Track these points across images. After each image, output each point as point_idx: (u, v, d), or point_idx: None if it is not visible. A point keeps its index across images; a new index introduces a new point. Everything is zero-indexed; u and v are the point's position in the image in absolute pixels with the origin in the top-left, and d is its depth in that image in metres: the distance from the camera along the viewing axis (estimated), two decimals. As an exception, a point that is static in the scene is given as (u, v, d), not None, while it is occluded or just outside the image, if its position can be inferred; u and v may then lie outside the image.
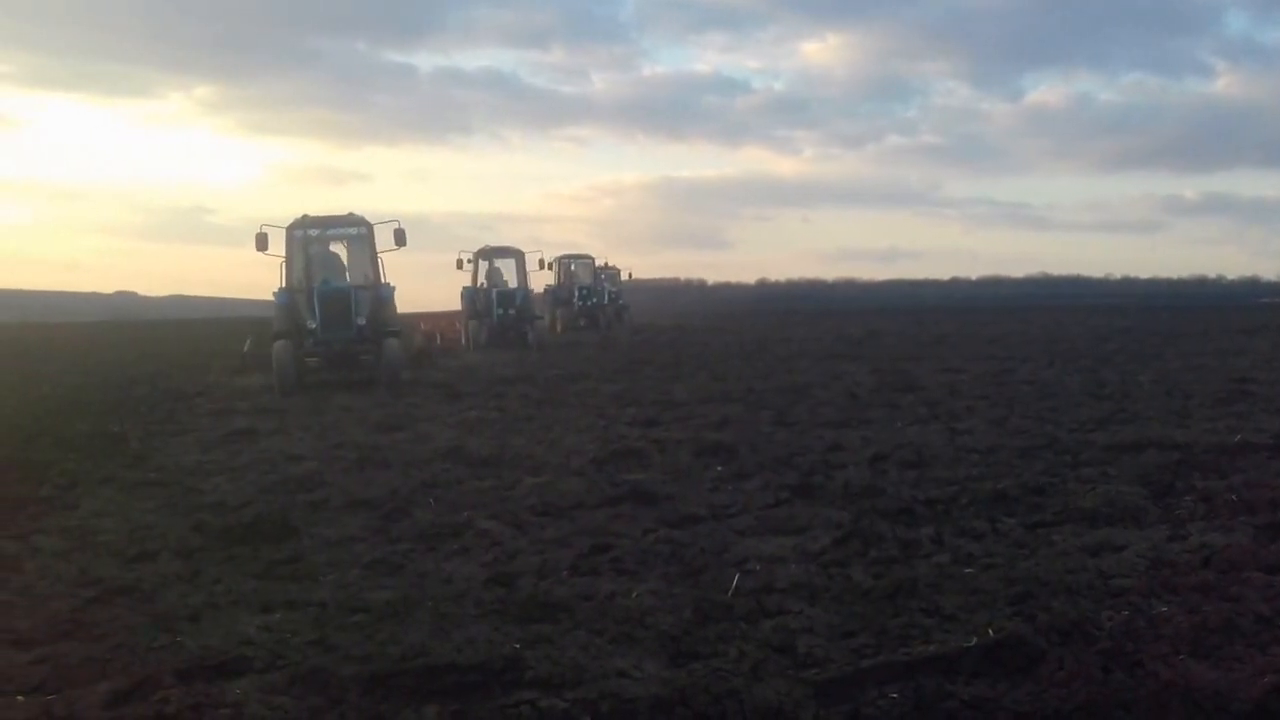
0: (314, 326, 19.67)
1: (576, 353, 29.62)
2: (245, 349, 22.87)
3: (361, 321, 19.70)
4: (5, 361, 30.54)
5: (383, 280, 20.33)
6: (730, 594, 5.88)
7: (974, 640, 4.95)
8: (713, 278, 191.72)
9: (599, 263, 50.32)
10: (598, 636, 5.25)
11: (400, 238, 19.88)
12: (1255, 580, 5.86)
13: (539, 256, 35.80)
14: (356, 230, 20.83)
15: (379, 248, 20.45)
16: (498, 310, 32.69)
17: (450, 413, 15.13)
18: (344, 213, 21.01)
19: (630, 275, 57.20)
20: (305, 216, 20.47)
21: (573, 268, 46.92)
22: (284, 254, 20.14)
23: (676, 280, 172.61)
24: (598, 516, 8.03)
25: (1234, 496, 7.78)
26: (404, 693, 4.61)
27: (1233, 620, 5.20)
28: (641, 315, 56.21)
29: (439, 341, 30.05)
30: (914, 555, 6.69)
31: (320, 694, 4.62)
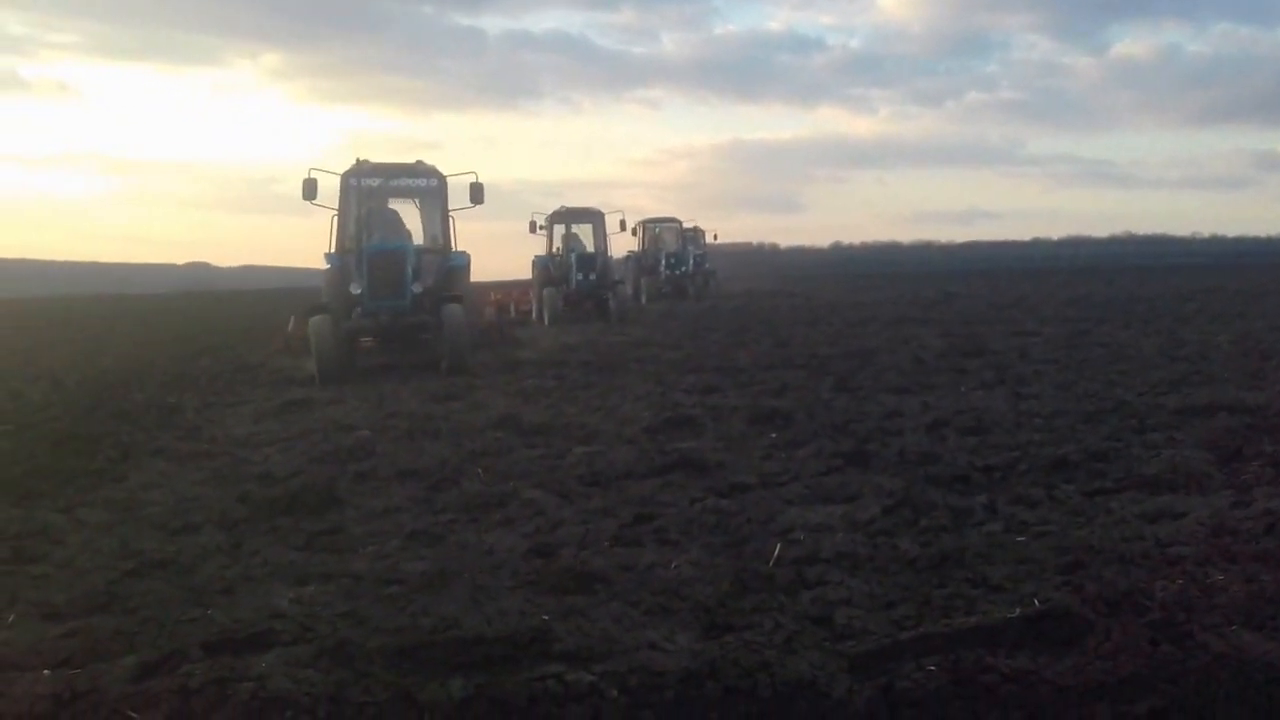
0: (360, 292, 16.43)
1: (654, 321, 28.96)
2: (289, 328, 19.11)
3: (418, 289, 16.44)
4: (72, 333, 31.23)
5: (454, 246, 17.56)
6: (771, 564, 5.80)
7: (1018, 611, 4.82)
8: (786, 242, 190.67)
9: (686, 225, 47.88)
10: (632, 608, 5.21)
11: (477, 193, 17.10)
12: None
13: (619, 218, 32.91)
14: (425, 182, 17.76)
15: (451, 205, 17.71)
16: (576, 276, 30.31)
17: (508, 381, 15.16)
18: (411, 161, 17.87)
19: (716, 237, 54.77)
20: (364, 162, 17.35)
21: (658, 232, 45.03)
22: (336, 207, 17.22)
23: (749, 245, 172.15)
24: (646, 486, 7.98)
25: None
26: (431, 665, 4.60)
27: (1178, 595, 5.04)
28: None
29: (513, 313, 27.96)
30: (965, 524, 6.56)
31: (346, 667, 4.62)
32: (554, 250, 31.47)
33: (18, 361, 21.26)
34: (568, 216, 32.14)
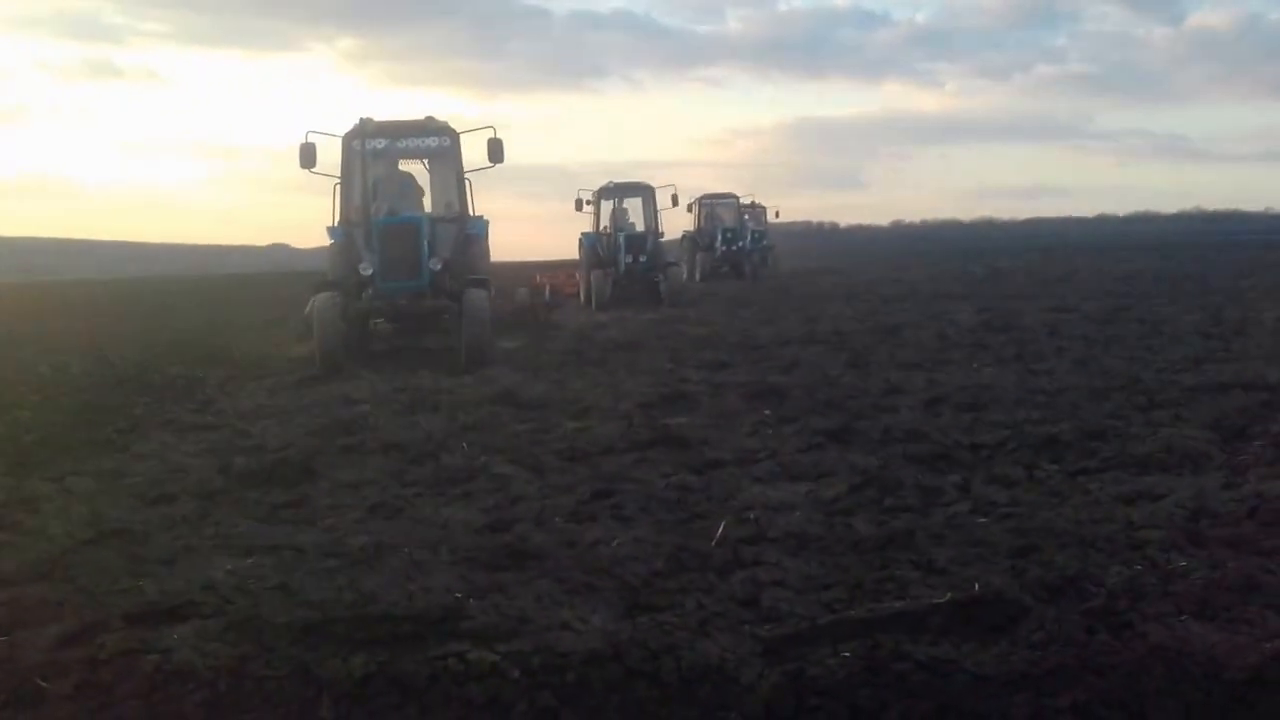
0: (371, 273, 14.37)
1: (699, 300, 27.73)
2: (306, 311, 15.89)
3: (437, 266, 14.17)
4: (140, 310, 31.60)
5: (472, 211, 15.37)
6: (715, 543, 5.60)
7: (948, 596, 4.58)
8: (846, 220, 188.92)
9: (744, 200, 45.41)
10: (559, 586, 5.04)
11: (496, 151, 14.82)
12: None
13: (671, 192, 29.39)
14: (437, 141, 15.69)
15: (468, 167, 15.75)
16: (625, 258, 27.71)
17: (525, 357, 15.03)
18: (420, 117, 15.82)
19: (778, 214, 52.10)
20: (367, 121, 15.24)
21: (714, 209, 42.46)
22: (339, 173, 15.36)
23: (808, 223, 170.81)
24: (622, 461, 7.80)
25: (1307, 444, 7.14)
26: (336, 641, 4.46)
27: (1254, 578, 4.73)
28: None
29: (548, 295, 24.73)
30: (932, 504, 6.31)
31: (253, 641, 4.50)
32: (602, 229, 29.18)
33: (78, 338, 21.49)
34: (615, 192, 29.53)
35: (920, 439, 7.96)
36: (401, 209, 15.08)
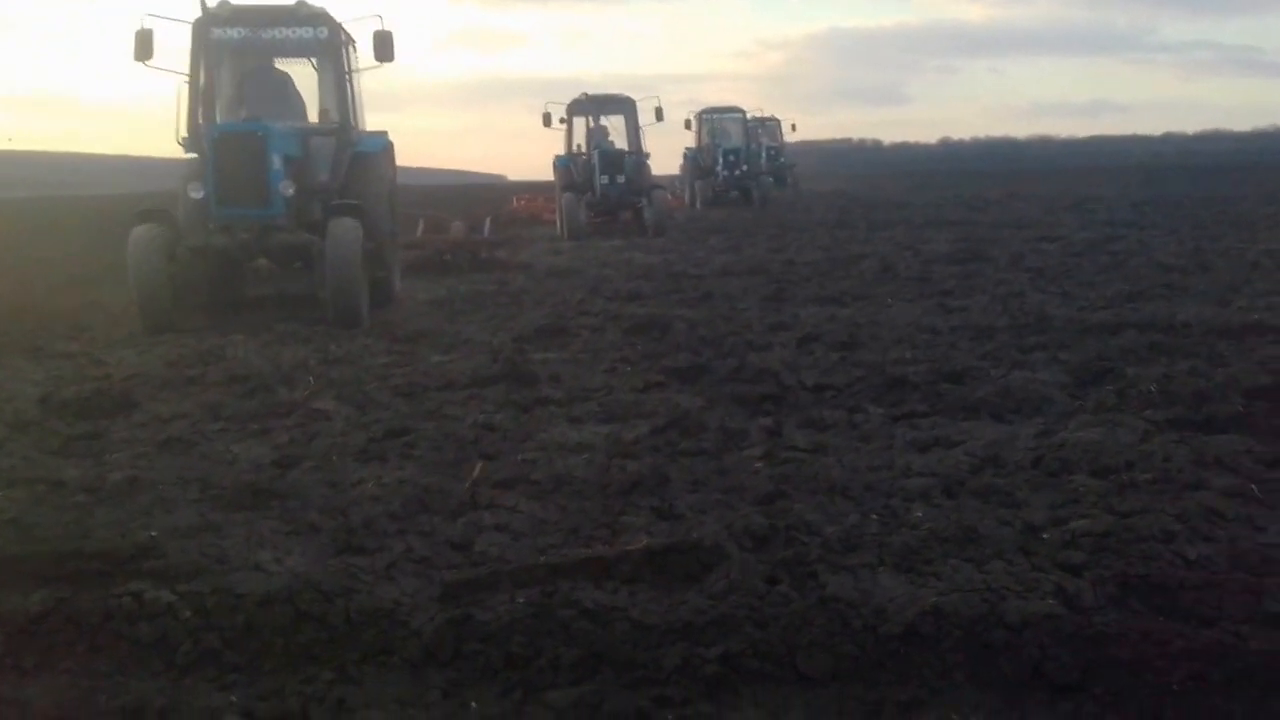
0: (201, 196, 12.11)
1: (687, 229, 26.86)
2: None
3: (289, 190, 12.05)
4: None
5: (361, 124, 13.92)
6: (467, 485, 5.84)
7: (644, 543, 4.81)
8: (890, 137, 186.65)
9: (753, 114, 43.22)
10: (284, 526, 5.29)
11: (384, 46, 14.35)
12: (1073, 484, 5.53)
13: (655, 106, 27.81)
14: (310, 33, 14.83)
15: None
16: (600, 179, 26.21)
17: (445, 287, 15.15)
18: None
19: (794, 128, 50.94)
20: (223, 5, 14.77)
21: (719, 125, 40.11)
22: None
23: (848, 141, 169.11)
24: (452, 397, 8.05)
25: (1153, 388, 7.30)
26: (23, 578, 4.72)
27: (976, 529, 4.93)
28: (804, 181, 53.80)
29: (488, 229, 21.36)
30: (728, 447, 6.52)
31: (-60, 576, 4.77)
32: (575, 148, 27.59)
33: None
34: (590, 106, 27.62)
35: (764, 379, 8.15)
36: (272, 118, 12.77)
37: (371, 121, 14.11)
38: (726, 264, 17.07)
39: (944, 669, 3.87)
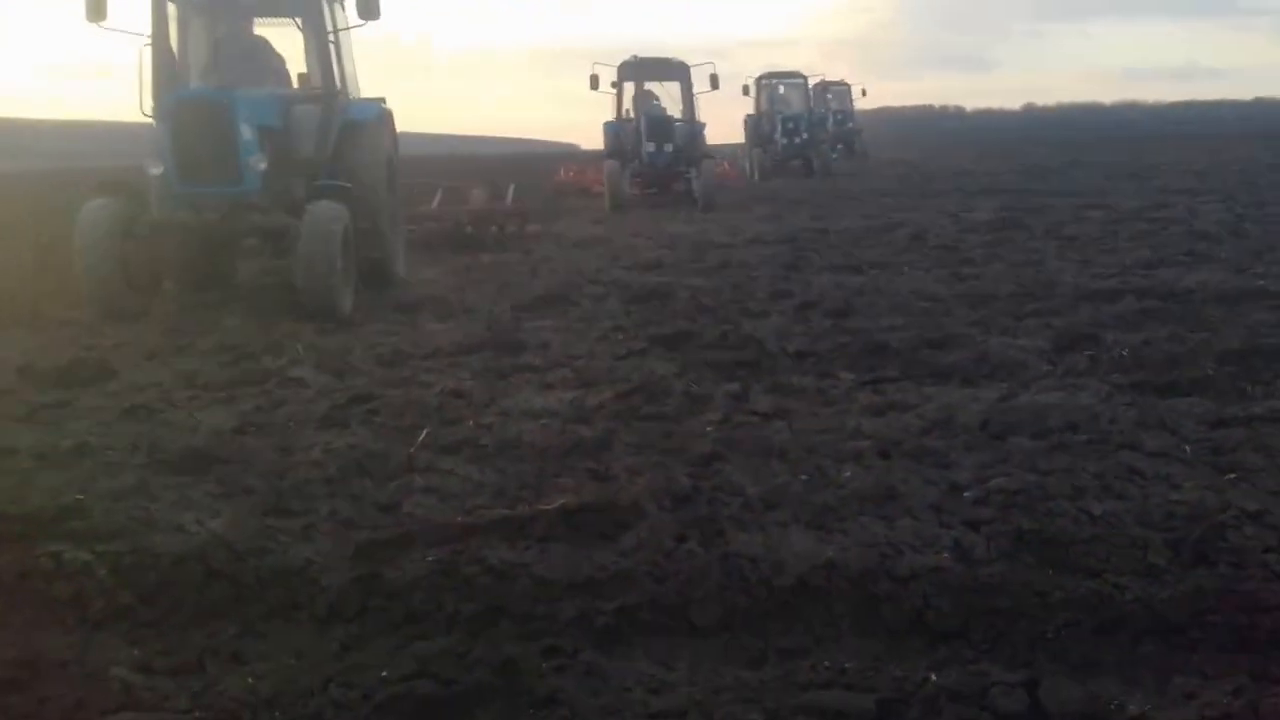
0: (160, 172, 10.89)
1: (736, 202, 25.48)
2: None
3: (261, 165, 10.77)
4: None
5: (352, 90, 12.56)
6: (414, 448, 5.97)
7: (559, 503, 4.91)
8: (973, 104, 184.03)
9: (817, 80, 41.52)
10: (217, 488, 5.45)
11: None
12: (1009, 446, 5.57)
13: (709, 72, 25.97)
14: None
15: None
16: (647, 147, 25.15)
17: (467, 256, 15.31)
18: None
19: (864, 93, 49.74)
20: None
21: (779, 91, 38.63)
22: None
23: (930, 108, 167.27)
24: (434, 365, 8.19)
25: (1124, 353, 7.28)
26: (-49, 540, 4.92)
27: (896, 488, 5.00)
28: (879, 149, 53.20)
29: (510, 198, 18.51)
30: (691, 413, 6.60)
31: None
32: (624, 113, 26.32)
33: None
34: (640, 70, 26.17)
35: (748, 346, 8.22)
36: (249, 85, 11.75)
37: (437, 91, 13.43)
38: (760, 233, 17.06)
39: (831, 619, 3.99)
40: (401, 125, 13.52)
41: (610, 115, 26.43)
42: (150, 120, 11.44)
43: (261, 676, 3.76)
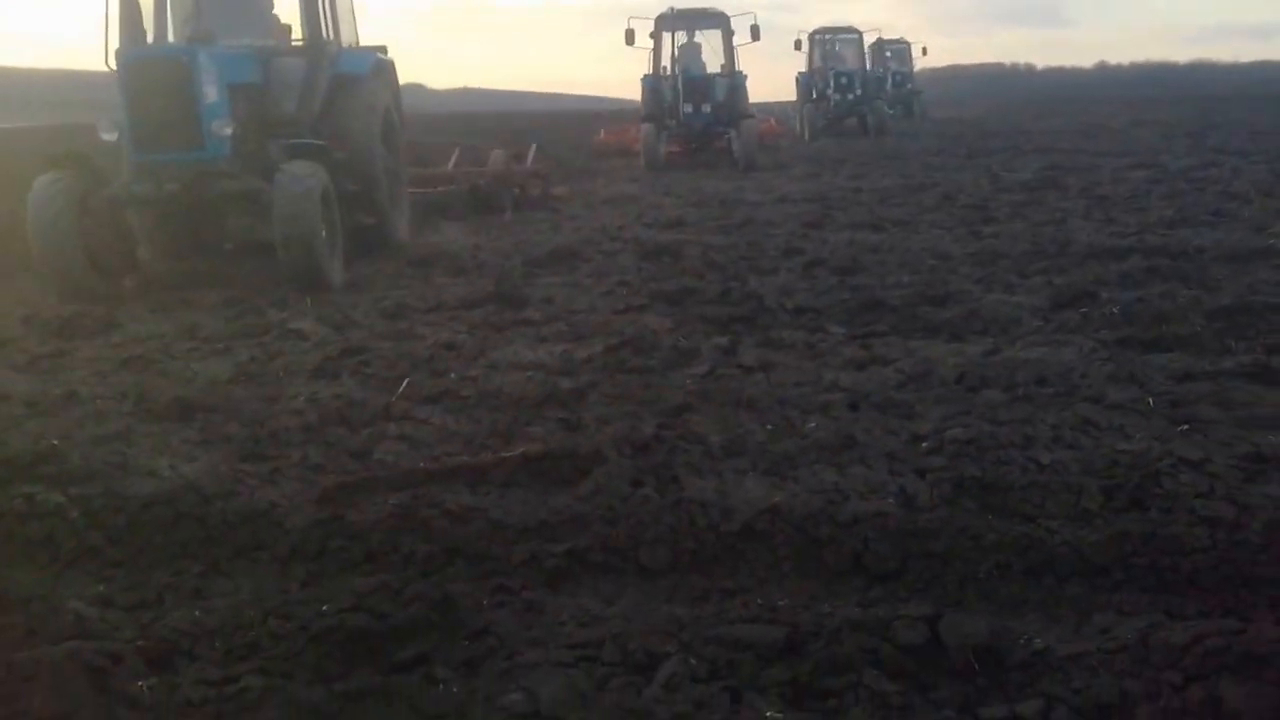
0: (113, 139, 10.13)
1: (787, 160, 25.39)
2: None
3: (226, 130, 9.85)
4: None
5: (337, 37, 11.61)
6: (394, 398, 6.14)
7: (521, 449, 5.06)
8: (1044, 61, 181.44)
9: (873, 37, 40.48)
10: (199, 436, 5.65)
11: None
12: (976, 399, 5.65)
13: (750, 24, 24.49)
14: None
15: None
16: (685, 108, 24.51)
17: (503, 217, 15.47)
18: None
19: (925, 52, 47.96)
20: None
21: (833, 46, 37.28)
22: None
23: (1000, 65, 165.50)
24: (435, 319, 8.35)
25: (1115, 310, 7.33)
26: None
27: (855, 437, 5.13)
28: (942, 108, 52.50)
29: (530, 159, 17.74)
30: (676, 365, 6.71)
31: None
32: (662, 69, 25.32)
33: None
34: (678, 21, 25.33)
35: (748, 302, 8.32)
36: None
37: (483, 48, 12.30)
38: (790, 193, 17.07)
39: (773, 561, 4.11)
40: (467, 80, 13.11)
41: (648, 70, 25.37)
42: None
43: (211, 611, 3.93)
